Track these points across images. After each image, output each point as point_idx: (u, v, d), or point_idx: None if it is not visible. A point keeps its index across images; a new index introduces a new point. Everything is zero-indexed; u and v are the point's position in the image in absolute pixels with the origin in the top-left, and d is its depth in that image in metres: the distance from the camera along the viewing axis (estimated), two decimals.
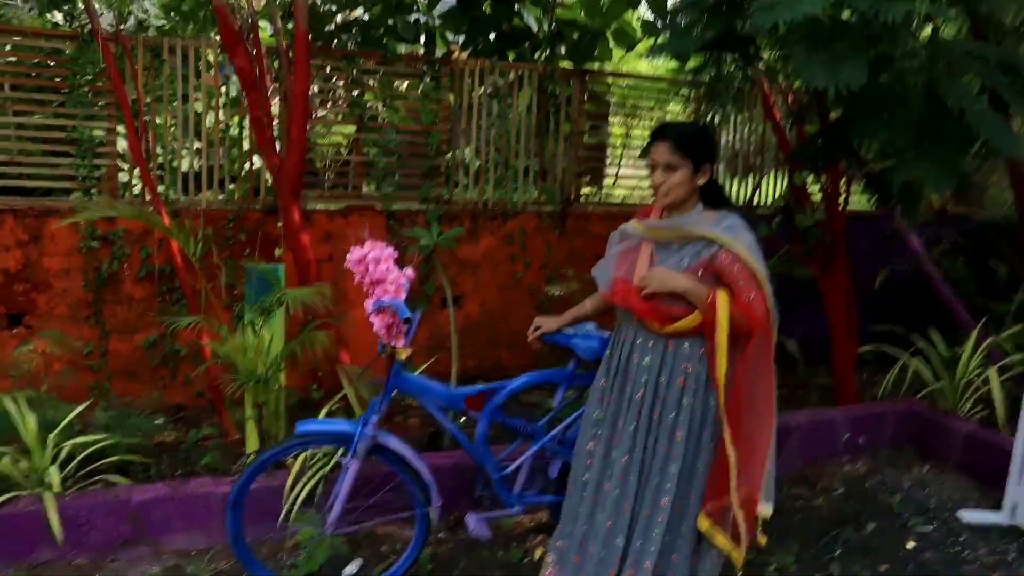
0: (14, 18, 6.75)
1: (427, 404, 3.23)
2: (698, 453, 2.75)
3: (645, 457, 2.76)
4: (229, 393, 4.03)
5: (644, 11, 6.78)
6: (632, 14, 6.69)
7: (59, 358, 4.63)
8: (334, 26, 6.10)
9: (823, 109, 4.45)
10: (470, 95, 5.58)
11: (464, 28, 6.37)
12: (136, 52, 4.72)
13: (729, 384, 2.67)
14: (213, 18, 4.78)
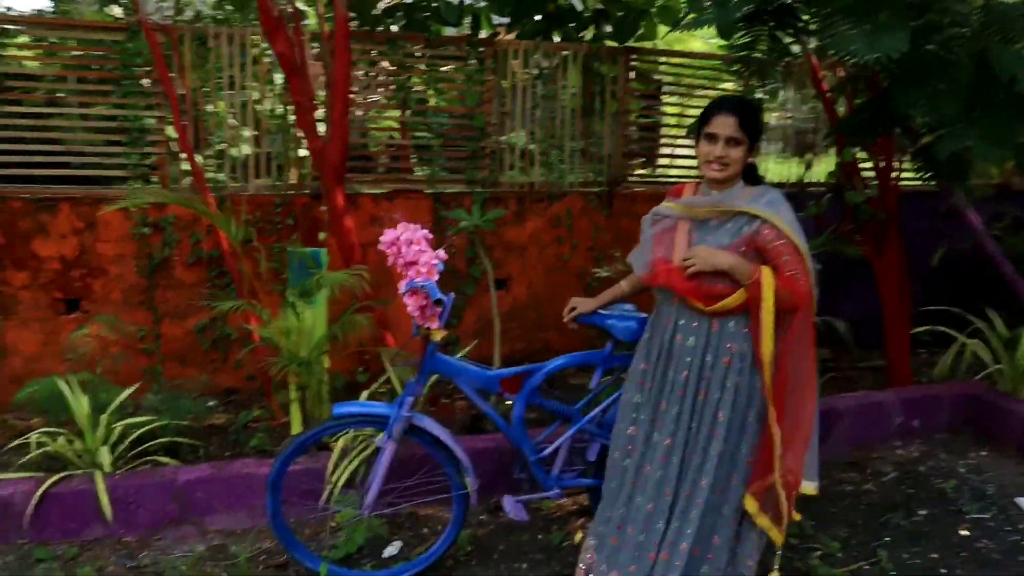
0: (75, 12, 6.96)
1: (463, 386, 3.22)
2: (742, 434, 2.72)
3: (689, 438, 2.73)
4: (274, 376, 4.09)
5: None
6: None
7: (114, 342, 4.74)
8: (379, 10, 6.10)
9: (872, 80, 4.30)
10: (514, 76, 5.55)
11: (509, 9, 6.32)
12: (183, 42, 4.80)
13: (774, 362, 2.64)
14: None
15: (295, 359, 3.91)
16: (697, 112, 6.15)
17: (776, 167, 6.80)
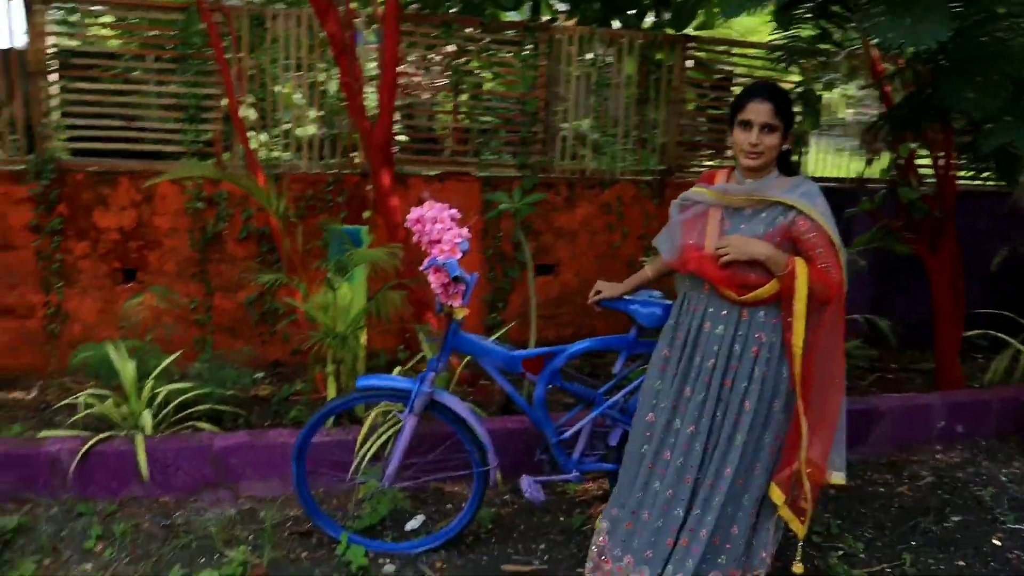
0: None
1: (485, 365, 3.25)
2: (767, 424, 2.70)
3: (713, 427, 2.71)
4: (313, 350, 4.19)
5: None
6: None
7: (168, 312, 4.91)
8: None
9: (919, 71, 4.15)
10: (569, 63, 5.54)
11: None
12: (240, 21, 4.93)
13: (805, 353, 2.61)
14: None
15: (331, 334, 4.00)
16: None
17: (834, 161, 6.63)
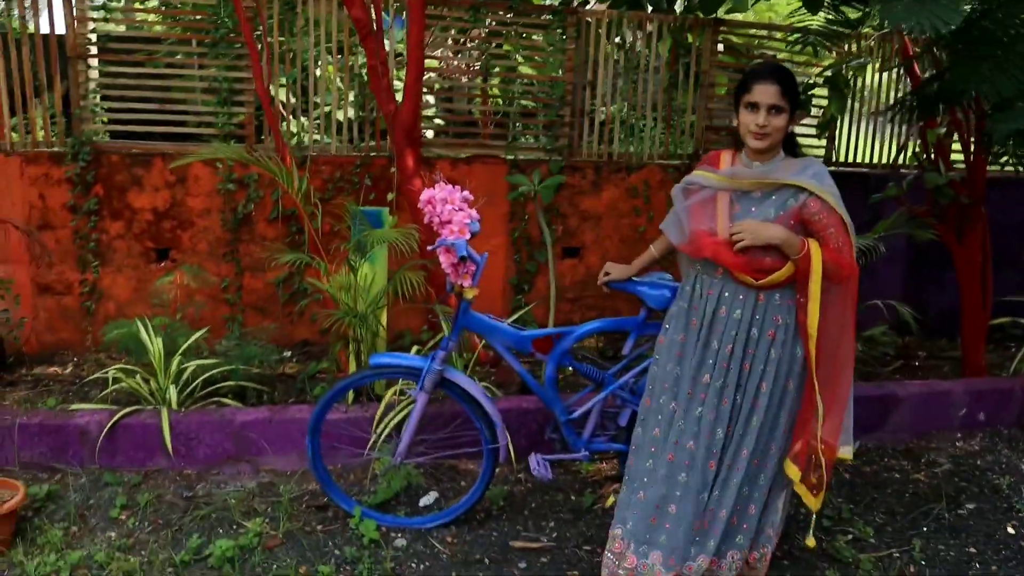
0: None
1: (495, 344, 3.31)
2: (782, 404, 2.74)
3: (733, 411, 2.73)
4: (335, 329, 4.27)
5: None
6: None
7: (199, 291, 5.04)
8: None
9: (936, 55, 4.08)
10: (598, 46, 5.55)
11: None
12: (272, 4, 5.02)
13: (818, 333, 2.64)
14: None
15: (352, 313, 4.08)
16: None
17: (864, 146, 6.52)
